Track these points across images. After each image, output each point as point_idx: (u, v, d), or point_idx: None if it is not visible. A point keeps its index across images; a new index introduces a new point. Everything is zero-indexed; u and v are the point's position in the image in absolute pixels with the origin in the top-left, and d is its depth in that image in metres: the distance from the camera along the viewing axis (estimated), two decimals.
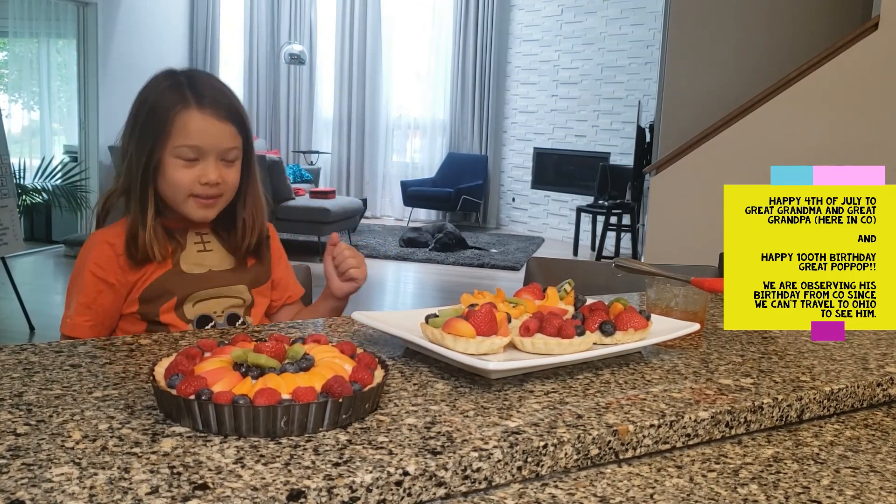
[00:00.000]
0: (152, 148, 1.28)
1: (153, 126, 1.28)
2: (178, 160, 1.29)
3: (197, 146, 1.28)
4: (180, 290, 1.33)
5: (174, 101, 1.28)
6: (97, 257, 1.31)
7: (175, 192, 1.31)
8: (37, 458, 0.67)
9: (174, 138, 1.27)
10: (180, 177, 1.29)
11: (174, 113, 1.27)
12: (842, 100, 4.00)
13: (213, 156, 1.30)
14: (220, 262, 1.39)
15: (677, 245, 4.35)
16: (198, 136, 1.28)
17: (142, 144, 1.29)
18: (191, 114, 1.28)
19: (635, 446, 0.81)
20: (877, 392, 1.01)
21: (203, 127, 1.29)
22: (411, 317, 1.06)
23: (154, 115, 1.28)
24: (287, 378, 0.76)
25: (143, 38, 7.64)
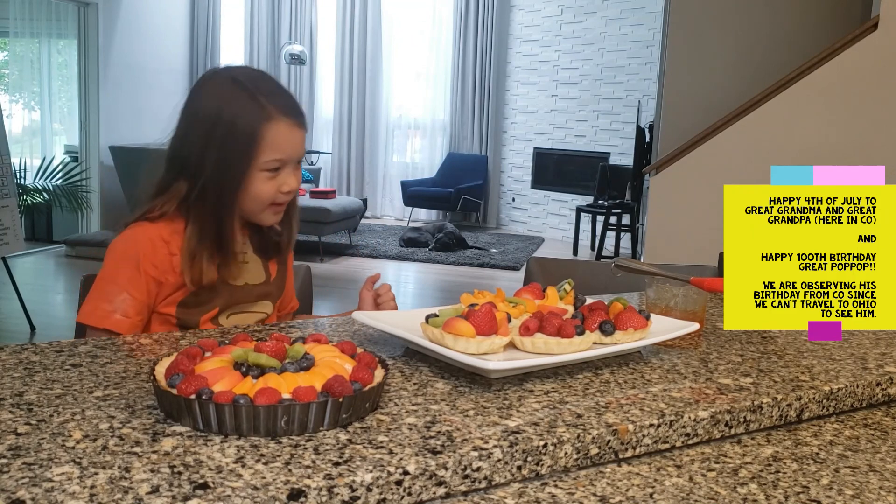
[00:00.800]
0: (239, 165, 1.23)
1: (238, 143, 1.22)
2: (264, 174, 1.25)
3: (282, 158, 1.25)
4: (223, 301, 1.30)
5: (257, 116, 1.22)
6: (152, 256, 1.25)
7: (256, 205, 1.27)
8: (37, 457, 0.67)
9: (263, 154, 1.23)
10: (266, 189, 1.25)
11: (261, 128, 1.22)
12: (842, 100, 4.00)
13: (292, 164, 1.28)
14: (254, 275, 1.36)
15: (677, 245, 4.35)
16: (285, 149, 1.25)
17: (224, 156, 1.23)
18: (277, 126, 1.23)
19: (635, 446, 0.81)
20: (876, 392, 1.01)
21: (289, 138, 1.25)
22: (411, 317, 1.06)
23: (236, 130, 1.22)
24: (287, 378, 0.77)
25: (144, 39, 7.64)
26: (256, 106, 1.22)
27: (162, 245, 1.25)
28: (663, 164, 4.47)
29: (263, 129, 1.22)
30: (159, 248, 1.25)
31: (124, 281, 1.24)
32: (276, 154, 1.24)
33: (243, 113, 1.22)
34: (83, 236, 6.76)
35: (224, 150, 1.22)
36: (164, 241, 1.26)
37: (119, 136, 7.17)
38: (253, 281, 1.36)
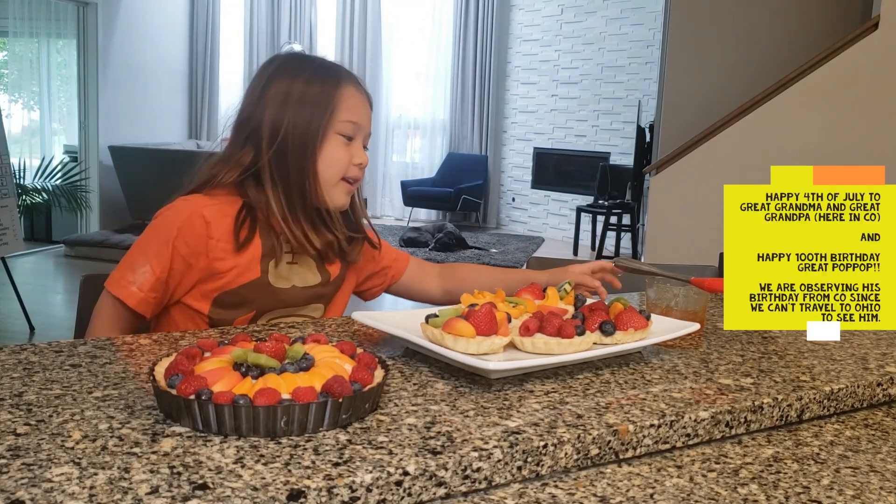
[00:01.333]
0: (313, 120, 1.21)
1: (316, 102, 1.22)
2: (340, 137, 1.23)
3: (358, 123, 1.24)
4: (262, 305, 1.24)
5: (332, 79, 1.23)
6: (188, 234, 1.19)
7: (333, 172, 1.24)
8: (37, 457, 0.67)
9: (341, 112, 1.22)
10: (341, 156, 1.24)
11: (337, 90, 1.23)
12: (842, 100, 4.00)
13: (361, 138, 1.27)
14: (305, 277, 1.29)
15: (677, 245, 4.35)
16: (360, 113, 1.25)
17: (299, 115, 1.21)
18: (350, 90, 1.24)
19: (635, 446, 0.81)
20: (877, 392, 1.01)
21: (363, 105, 1.26)
22: (411, 317, 1.06)
23: (311, 90, 1.22)
24: (287, 378, 0.76)
25: (143, 38, 7.64)
26: (329, 72, 1.25)
27: (201, 224, 1.20)
28: (663, 164, 4.47)
29: (339, 91, 1.23)
30: (197, 227, 1.19)
31: (152, 253, 1.19)
32: (352, 116, 1.24)
33: (318, 76, 1.23)
34: (82, 236, 6.76)
35: (301, 110, 1.22)
36: (206, 221, 1.20)
37: (118, 136, 7.17)
38: (302, 283, 1.28)
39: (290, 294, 1.26)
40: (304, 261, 1.29)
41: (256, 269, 1.23)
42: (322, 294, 1.32)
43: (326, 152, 1.23)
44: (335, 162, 1.24)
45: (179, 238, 1.19)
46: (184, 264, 1.19)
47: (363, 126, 1.26)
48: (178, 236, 1.19)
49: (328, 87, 1.23)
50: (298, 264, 1.28)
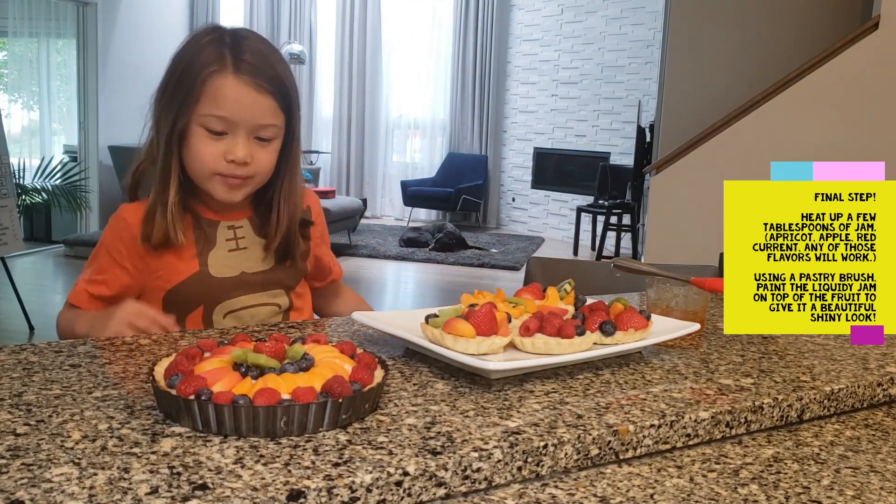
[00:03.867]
0: (178, 112, 1.13)
1: (183, 87, 1.13)
2: (203, 130, 1.13)
3: (226, 118, 1.12)
4: (208, 298, 1.20)
5: (209, 62, 1.12)
6: (113, 235, 1.21)
7: (199, 167, 1.16)
8: (36, 458, 0.67)
9: (203, 104, 1.12)
10: (205, 150, 1.14)
11: (206, 74, 1.11)
12: (842, 100, 4.00)
13: (244, 131, 1.14)
14: (254, 262, 1.24)
15: (677, 245, 4.35)
16: (229, 106, 1.12)
17: (170, 107, 1.15)
18: (225, 79, 1.12)
19: (635, 446, 0.81)
20: (877, 392, 1.01)
21: (236, 96, 1.12)
22: (411, 317, 1.06)
23: (186, 74, 1.13)
24: (287, 378, 0.76)
25: (143, 38, 7.64)
26: (215, 53, 1.13)
27: (124, 226, 1.21)
28: (664, 164, 4.47)
29: (207, 76, 1.11)
30: (121, 229, 1.21)
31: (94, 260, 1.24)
32: (216, 109, 1.12)
33: (198, 57, 1.13)
34: (82, 236, 6.76)
35: (172, 93, 1.15)
36: (128, 222, 1.20)
37: (118, 136, 7.17)
38: (252, 269, 1.24)
39: (241, 282, 1.22)
40: (252, 245, 1.25)
41: (194, 264, 1.21)
42: (277, 280, 1.26)
43: (190, 147, 1.15)
44: (199, 157, 1.15)
45: (109, 241, 1.23)
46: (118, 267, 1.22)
47: (240, 120, 1.13)
48: (108, 239, 1.23)
49: (198, 73, 1.12)
50: (247, 249, 1.25)
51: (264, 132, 1.16)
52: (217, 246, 1.22)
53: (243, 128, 1.14)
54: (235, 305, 1.23)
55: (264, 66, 1.14)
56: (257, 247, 1.25)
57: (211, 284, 1.21)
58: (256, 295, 1.25)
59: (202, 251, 1.21)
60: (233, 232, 1.24)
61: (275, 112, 1.16)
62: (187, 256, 1.21)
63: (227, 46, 1.14)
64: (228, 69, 1.12)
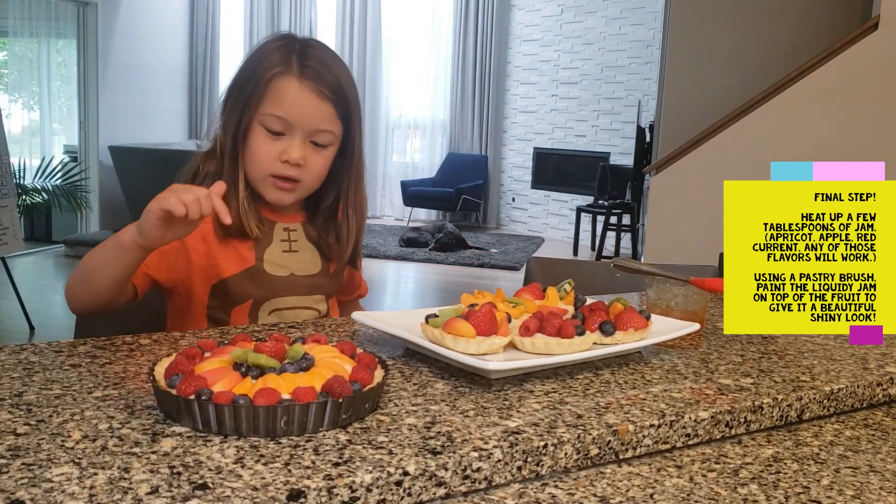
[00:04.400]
0: (244, 110, 1.17)
1: (249, 87, 1.17)
2: (263, 130, 1.17)
3: (284, 118, 1.16)
4: (259, 293, 1.22)
5: (275, 63, 1.16)
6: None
7: (255, 167, 1.19)
8: (37, 457, 0.67)
9: (265, 104, 1.16)
10: (263, 149, 1.17)
11: (271, 76, 1.16)
12: (842, 100, 4.00)
13: (301, 133, 1.17)
14: (304, 265, 1.27)
15: (677, 245, 4.35)
16: (289, 107, 1.16)
17: (236, 106, 1.19)
18: (288, 81, 1.16)
19: (635, 446, 0.81)
20: (877, 392, 1.01)
21: (297, 98, 1.16)
22: (411, 317, 1.06)
23: (254, 75, 1.17)
24: (287, 378, 0.76)
25: (143, 38, 7.64)
26: (282, 57, 1.17)
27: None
28: (663, 164, 4.47)
29: (271, 77, 1.16)
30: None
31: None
32: (277, 109, 1.16)
33: (265, 60, 1.18)
34: (82, 236, 6.76)
35: (239, 93, 1.19)
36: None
37: (118, 136, 7.17)
38: (301, 272, 1.26)
39: (290, 283, 1.25)
40: (304, 249, 1.28)
41: (251, 257, 1.23)
42: (322, 285, 1.30)
43: (249, 143, 1.19)
44: (256, 156, 1.18)
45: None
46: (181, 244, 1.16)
47: (298, 122, 1.17)
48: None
49: (263, 75, 1.17)
50: (298, 252, 1.27)
51: (320, 137, 1.19)
52: (272, 244, 1.25)
53: (300, 130, 1.18)
54: (282, 304, 1.25)
55: (327, 74, 1.18)
56: (307, 251, 1.29)
57: (263, 281, 1.23)
58: (302, 297, 1.27)
59: (259, 246, 1.24)
60: (287, 234, 1.27)
61: (333, 119, 1.19)
62: (245, 249, 1.23)
63: (296, 52, 1.18)
64: (293, 72, 1.16)
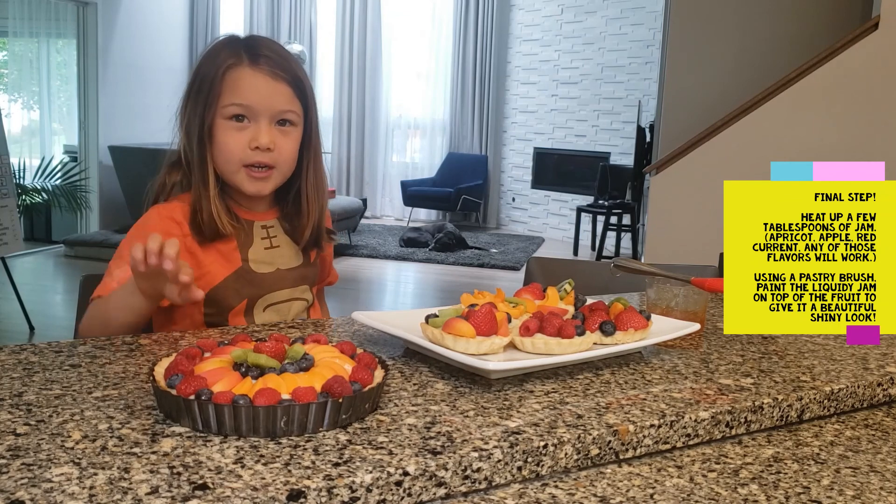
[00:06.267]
0: (204, 110, 1.19)
1: (205, 87, 1.19)
2: (227, 122, 1.19)
3: (247, 105, 1.18)
4: (251, 292, 1.24)
5: (226, 59, 1.19)
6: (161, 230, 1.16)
7: (226, 160, 1.20)
8: (37, 458, 0.67)
9: (224, 96, 1.18)
10: (230, 141, 1.19)
11: (224, 69, 1.18)
12: (842, 100, 4.00)
13: (265, 118, 1.19)
14: (287, 259, 1.30)
15: (677, 245, 4.35)
16: (248, 94, 1.18)
17: (195, 108, 1.20)
18: (242, 70, 1.18)
19: (635, 446, 0.81)
20: (877, 392, 1.01)
21: (254, 84, 1.18)
22: (411, 317, 1.06)
23: (207, 75, 1.19)
24: (287, 378, 0.76)
25: (143, 38, 7.64)
26: (233, 53, 1.20)
27: (172, 224, 1.21)
28: (663, 164, 4.47)
29: (225, 71, 1.18)
30: (169, 227, 1.20)
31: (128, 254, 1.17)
32: (236, 98, 1.18)
33: (215, 59, 1.20)
34: (82, 236, 6.76)
35: (196, 96, 1.20)
36: (175, 220, 1.21)
37: (118, 136, 7.17)
38: (286, 265, 1.29)
39: (278, 278, 1.28)
40: (283, 243, 1.31)
41: (237, 258, 1.25)
42: (306, 275, 1.33)
43: (217, 141, 1.20)
44: (225, 149, 1.19)
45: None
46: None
47: (260, 106, 1.18)
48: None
49: (214, 73, 1.19)
50: (280, 247, 1.30)
51: (285, 117, 1.22)
52: (254, 243, 1.28)
53: (264, 115, 1.20)
54: (275, 299, 1.28)
55: (278, 59, 1.21)
56: (287, 245, 1.32)
57: (253, 280, 1.26)
58: (291, 290, 1.31)
59: (242, 248, 1.26)
60: (266, 231, 1.30)
61: (292, 99, 1.22)
62: (229, 250, 1.25)
63: (242, 45, 1.22)
64: (245, 62, 1.20)
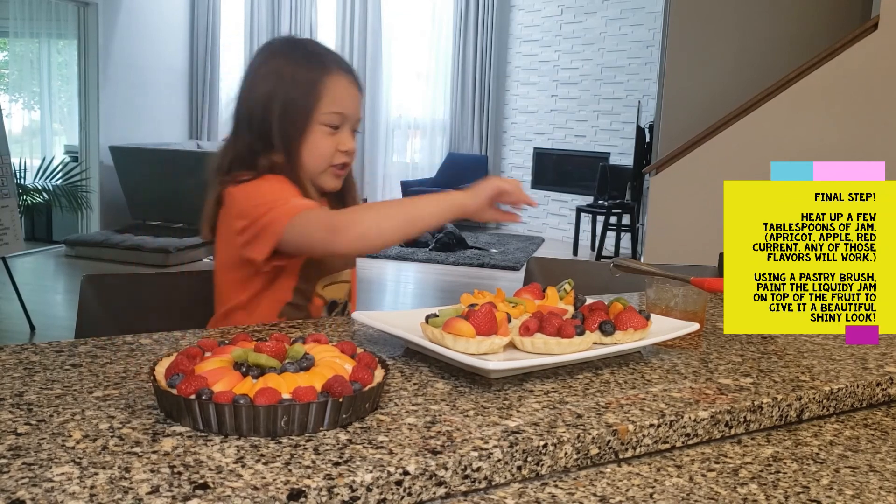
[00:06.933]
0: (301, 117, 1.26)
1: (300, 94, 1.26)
2: (323, 128, 1.27)
3: (343, 113, 1.28)
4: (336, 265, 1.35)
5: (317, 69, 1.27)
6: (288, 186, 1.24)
7: (318, 163, 1.29)
8: (37, 457, 0.67)
9: (324, 105, 1.26)
10: (324, 145, 1.28)
11: (322, 80, 1.26)
12: (842, 100, 4.00)
13: (349, 124, 1.30)
14: None
15: (677, 245, 4.35)
16: (345, 103, 1.28)
17: (287, 113, 1.26)
18: (338, 79, 1.27)
19: (635, 446, 0.81)
20: (876, 392, 1.01)
21: (348, 93, 1.29)
22: (411, 317, 1.06)
23: (297, 82, 1.26)
24: (287, 378, 0.76)
25: (144, 38, 7.64)
26: (316, 61, 1.28)
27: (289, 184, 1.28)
28: (663, 164, 4.47)
29: (325, 81, 1.26)
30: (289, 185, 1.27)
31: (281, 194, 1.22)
32: (336, 107, 1.27)
33: (304, 66, 1.27)
34: (83, 236, 6.75)
35: (287, 101, 1.26)
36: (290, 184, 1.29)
37: (119, 136, 7.17)
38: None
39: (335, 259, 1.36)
40: None
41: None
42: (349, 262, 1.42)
43: (310, 143, 1.27)
44: (319, 153, 1.28)
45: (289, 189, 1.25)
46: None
47: (350, 115, 1.29)
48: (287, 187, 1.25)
49: (314, 76, 1.26)
50: None
51: (357, 125, 1.34)
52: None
53: (349, 122, 1.31)
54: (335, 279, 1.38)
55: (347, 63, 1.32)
56: None
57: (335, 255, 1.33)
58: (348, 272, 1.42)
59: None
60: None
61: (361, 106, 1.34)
62: None
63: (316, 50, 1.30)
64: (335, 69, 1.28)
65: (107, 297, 1.44)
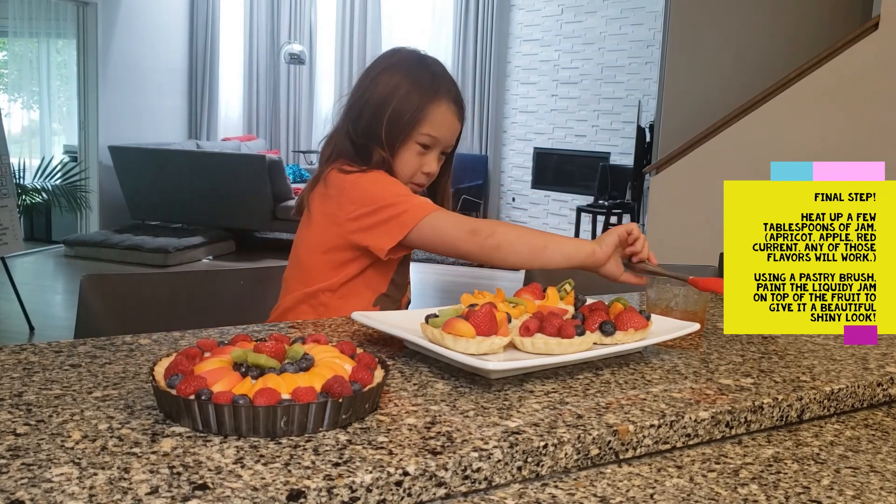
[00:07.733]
0: (402, 128, 1.34)
1: (408, 109, 1.34)
2: (415, 146, 1.36)
3: (437, 137, 1.36)
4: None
5: (429, 92, 1.34)
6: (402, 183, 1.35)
7: (400, 174, 1.36)
8: (36, 458, 0.67)
9: (423, 126, 1.34)
10: (413, 162, 1.36)
11: (429, 104, 1.34)
12: (842, 100, 4.00)
13: (438, 149, 1.38)
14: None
15: (677, 245, 4.35)
16: (442, 130, 1.36)
17: (392, 120, 1.34)
18: (442, 107, 1.35)
19: (635, 446, 0.81)
20: (877, 392, 1.01)
21: (447, 119, 1.36)
22: (411, 317, 1.06)
23: (410, 97, 1.34)
24: (287, 378, 0.76)
25: (143, 38, 7.64)
26: (432, 84, 1.36)
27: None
28: (663, 164, 4.47)
29: (430, 105, 1.34)
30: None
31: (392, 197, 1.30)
32: (433, 131, 1.35)
33: (418, 87, 1.35)
34: (82, 236, 6.75)
35: (394, 113, 1.34)
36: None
37: (118, 136, 7.17)
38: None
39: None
40: None
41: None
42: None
43: (403, 155, 1.36)
44: (406, 168, 1.37)
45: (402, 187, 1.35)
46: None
47: (443, 141, 1.38)
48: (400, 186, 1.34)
49: (423, 100, 1.34)
50: None
51: (447, 150, 1.41)
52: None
53: (439, 147, 1.38)
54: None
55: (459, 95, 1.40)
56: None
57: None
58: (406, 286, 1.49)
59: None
60: None
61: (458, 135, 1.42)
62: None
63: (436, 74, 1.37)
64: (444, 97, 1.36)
65: (106, 297, 1.44)
